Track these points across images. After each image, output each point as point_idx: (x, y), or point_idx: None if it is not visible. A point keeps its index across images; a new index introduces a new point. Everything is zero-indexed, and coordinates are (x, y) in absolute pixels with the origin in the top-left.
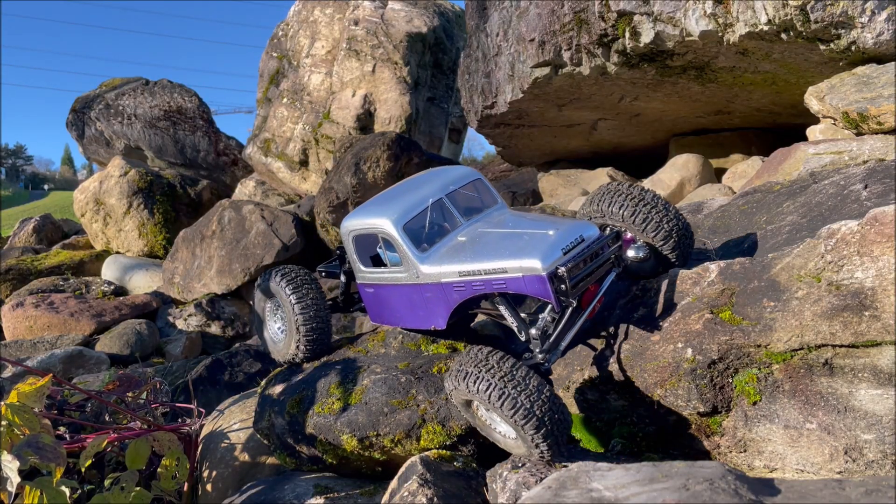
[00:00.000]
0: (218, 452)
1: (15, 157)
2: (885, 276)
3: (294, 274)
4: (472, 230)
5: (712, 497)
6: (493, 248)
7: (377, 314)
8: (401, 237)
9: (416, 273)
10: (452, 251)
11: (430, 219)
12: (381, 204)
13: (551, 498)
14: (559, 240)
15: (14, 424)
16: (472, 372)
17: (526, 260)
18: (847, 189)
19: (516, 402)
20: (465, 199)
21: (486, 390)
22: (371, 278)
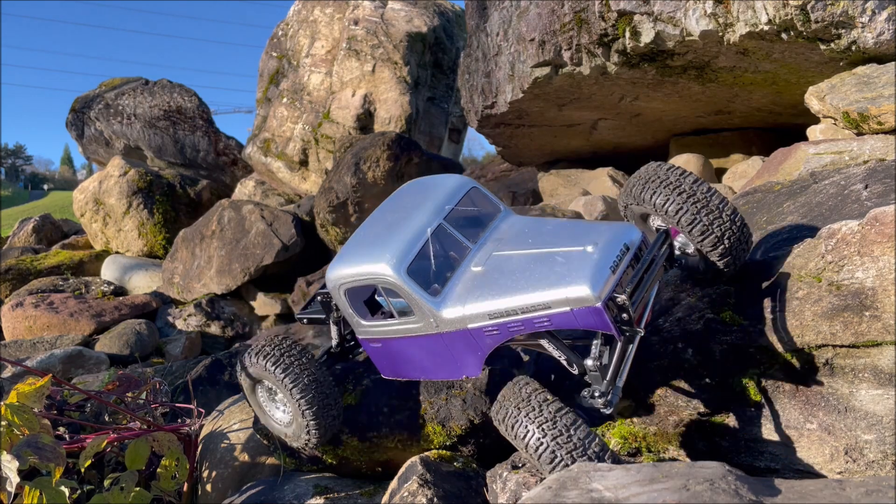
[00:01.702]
0: (218, 453)
1: (14, 156)
2: (886, 276)
3: (277, 351)
4: (486, 255)
5: (713, 497)
6: (524, 279)
7: (390, 369)
8: (407, 284)
9: (433, 322)
10: (472, 287)
11: (434, 252)
12: (371, 244)
13: (551, 498)
14: (604, 257)
15: (14, 424)
16: (512, 413)
17: (572, 289)
18: (847, 189)
19: (555, 458)
20: (464, 215)
21: (524, 438)
22: (377, 332)
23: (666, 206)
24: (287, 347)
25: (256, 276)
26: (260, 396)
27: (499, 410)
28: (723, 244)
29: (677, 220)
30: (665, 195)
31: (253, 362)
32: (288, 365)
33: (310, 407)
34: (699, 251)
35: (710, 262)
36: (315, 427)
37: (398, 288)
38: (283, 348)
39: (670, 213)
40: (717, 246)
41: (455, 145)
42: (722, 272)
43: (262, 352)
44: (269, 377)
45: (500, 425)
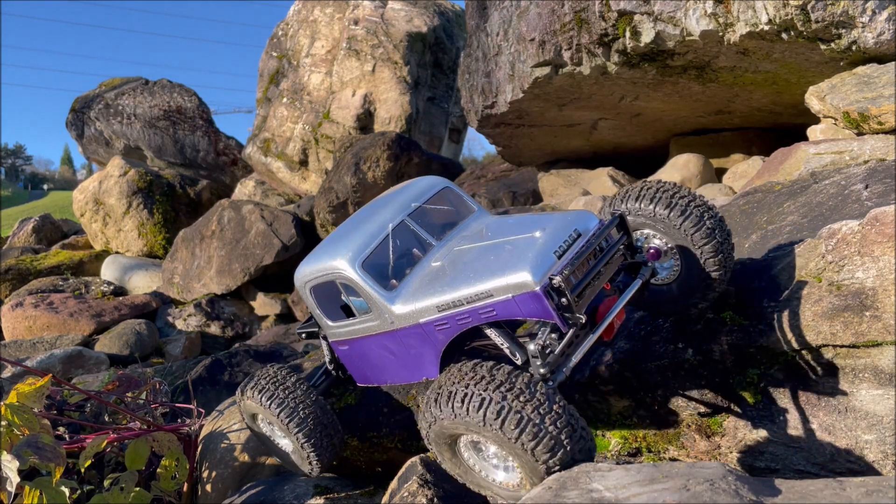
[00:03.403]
0: (217, 453)
1: (14, 156)
2: (886, 276)
3: (267, 383)
4: (448, 250)
5: (713, 497)
6: (472, 270)
7: (361, 375)
8: (361, 278)
9: (388, 318)
10: (427, 281)
11: (394, 248)
12: (333, 242)
13: (552, 498)
14: (549, 241)
15: (14, 424)
16: (459, 391)
17: (512, 275)
18: (848, 189)
19: (521, 419)
20: (434, 214)
21: (480, 409)
22: (341, 333)
23: (669, 212)
24: (281, 380)
25: (256, 276)
26: (261, 425)
27: (439, 397)
28: (722, 252)
29: (681, 223)
30: (666, 202)
31: (249, 396)
32: (283, 399)
33: (308, 440)
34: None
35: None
36: (316, 458)
37: (353, 283)
38: (277, 381)
39: (672, 218)
40: (717, 253)
41: (455, 145)
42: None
43: (256, 386)
44: (265, 413)
45: (444, 409)
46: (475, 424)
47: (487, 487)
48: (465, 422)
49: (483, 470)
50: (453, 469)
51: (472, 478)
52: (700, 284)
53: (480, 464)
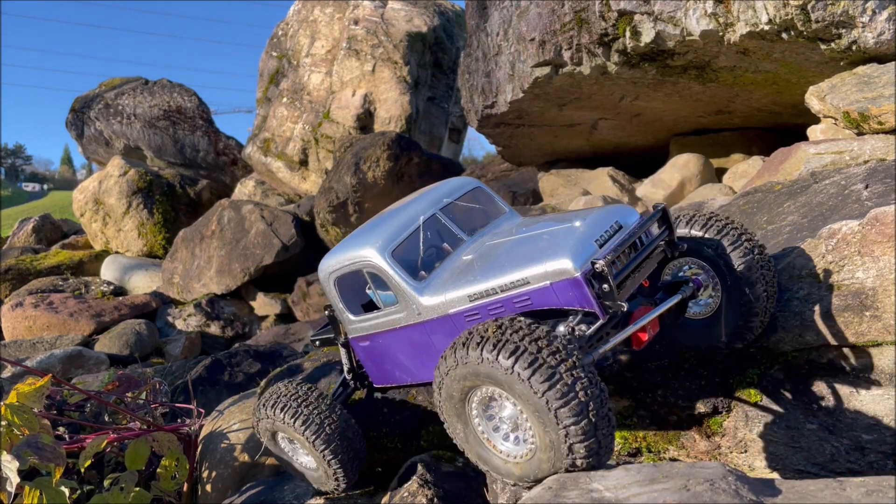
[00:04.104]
0: (217, 453)
1: (14, 156)
2: (886, 276)
3: (289, 400)
4: (479, 245)
5: (713, 497)
6: (507, 260)
7: (379, 373)
8: (391, 266)
9: (416, 309)
10: (458, 274)
11: (425, 240)
12: (362, 234)
13: (552, 498)
14: (589, 230)
15: (13, 424)
16: (492, 337)
17: (551, 262)
18: (848, 189)
19: (553, 374)
20: (464, 212)
21: (512, 356)
22: (364, 328)
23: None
24: (304, 395)
25: (256, 276)
26: (282, 444)
27: (468, 342)
28: (766, 293)
29: (729, 252)
30: (718, 228)
31: (269, 415)
32: (307, 416)
33: (335, 456)
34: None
35: (729, 322)
36: (343, 474)
37: (382, 272)
38: (300, 398)
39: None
40: (761, 294)
41: (455, 145)
42: (748, 328)
43: (277, 404)
44: (288, 431)
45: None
46: (502, 373)
47: (487, 459)
48: (491, 368)
49: (488, 436)
50: (455, 430)
51: (474, 444)
52: (738, 324)
53: (487, 429)
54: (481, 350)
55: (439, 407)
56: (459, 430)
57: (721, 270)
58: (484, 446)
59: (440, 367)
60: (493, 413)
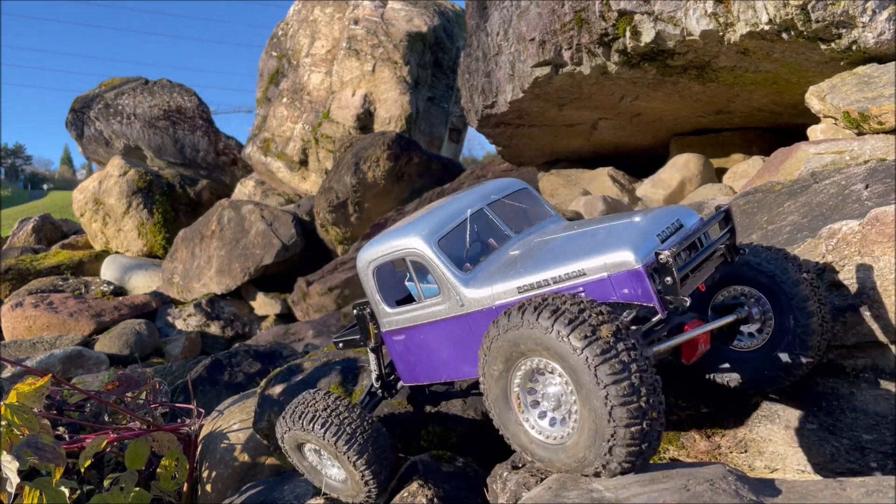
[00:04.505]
0: (217, 453)
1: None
2: (886, 276)
3: (325, 412)
4: (528, 243)
5: (713, 497)
6: (561, 252)
7: (411, 370)
8: (436, 255)
9: (458, 300)
10: (506, 267)
11: (471, 234)
12: (407, 224)
13: (552, 498)
14: (650, 225)
15: (13, 424)
16: (552, 303)
17: (611, 253)
18: (848, 189)
19: (608, 349)
20: (511, 211)
21: (570, 324)
22: (400, 321)
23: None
24: (333, 405)
25: (256, 276)
26: (308, 457)
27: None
28: (820, 316)
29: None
30: (773, 257)
31: (297, 426)
32: (339, 426)
33: (368, 466)
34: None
35: (782, 353)
36: (375, 484)
37: (426, 261)
38: (329, 408)
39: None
40: (815, 314)
41: (455, 145)
42: (797, 365)
43: (306, 414)
44: (319, 441)
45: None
46: (554, 341)
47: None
48: (548, 338)
49: (525, 410)
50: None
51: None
52: (789, 359)
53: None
54: (538, 316)
55: (482, 371)
56: (498, 404)
57: (777, 300)
58: (520, 425)
59: (490, 332)
60: (536, 389)
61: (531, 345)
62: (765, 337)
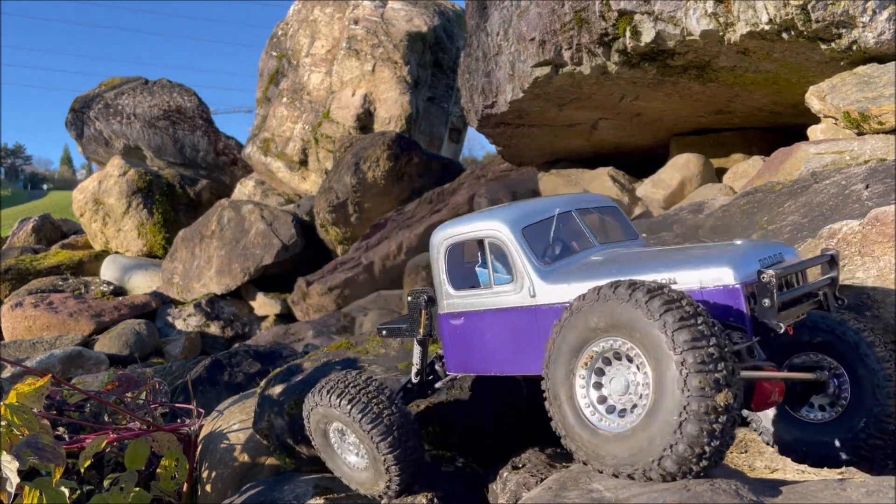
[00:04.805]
0: (217, 453)
1: (14, 156)
2: (887, 276)
3: (352, 388)
4: (611, 253)
5: (713, 497)
6: (650, 261)
7: (461, 357)
8: (518, 241)
9: (531, 290)
10: (587, 268)
11: (556, 231)
12: (492, 209)
13: (552, 498)
14: (752, 250)
15: (13, 425)
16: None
17: (708, 268)
18: (848, 189)
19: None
20: (599, 223)
21: (682, 321)
22: (463, 304)
23: None
24: (364, 384)
25: (256, 276)
26: (332, 439)
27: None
28: None
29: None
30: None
31: (324, 401)
32: (366, 404)
33: (391, 450)
34: None
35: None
36: (397, 473)
37: (507, 246)
38: (359, 385)
39: None
40: None
41: (455, 145)
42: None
43: (334, 390)
44: (344, 418)
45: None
46: (643, 318)
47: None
48: (638, 314)
49: (590, 401)
50: (558, 385)
51: (571, 413)
52: (862, 437)
53: (593, 393)
54: (631, 292)
55: (548, 356)
56: (560, 377)
57: (856, 375)
58: (579, 415)
59: (565, 313)
60: (604, 372)
61: (613, 323)
62: (837, 411)
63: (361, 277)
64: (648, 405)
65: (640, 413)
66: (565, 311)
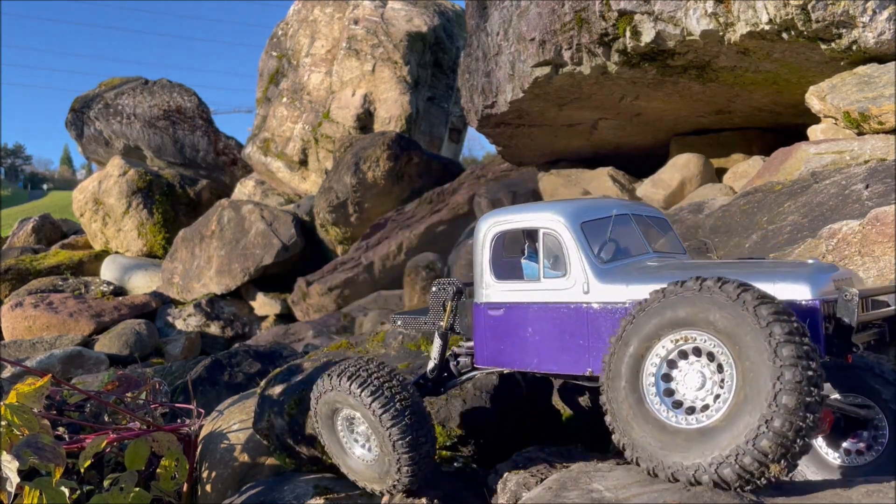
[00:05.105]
0: (217, 453)
1: (14, 156)
2: (887, 276)
3: (364, 372)
4: (668, 261)
5: (713, 497)
6: (717, 271)
7: (495, 351)
8: (576, 235)
9: (584, 287)
10: (646, 271)
11: (613, 232)
12: (546, 202)
13: (552, 498)
14: (827, 269)
15: (13, 424)
16: None
17: (783, 282)
18: (848, 189)
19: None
20: (651, 231)
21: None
22: (505, 295)
23: None
24: (375, 369)
25: (256, 276)
26: (338, 428)
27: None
28: None
29: None
30: None
31: (334, 385)
32: (377, 388)
33: (402, 437)
34: None
35: None
36: (408, 463)
37: (564, 238)
38: (370, 370)
39: None
40: None
41: (455, 145)
42: None
43: (345, 373)
44: (354, 402)
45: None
46: (737, 310)
47: (638, 432)
48: (730, 307)
49: (660, 400)
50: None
51: (639, 414)
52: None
53: (662, 394)
54: (721, 285)
55: (610, 356)
56: (626, 369)
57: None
58: (645, 404)
59: (634, 309)
60: (673, 372)
61: (706, 318)
62: (872, 456)
63: (361, 277)
64: (732, 397)
65: (722, 405)
66: (647, 299)
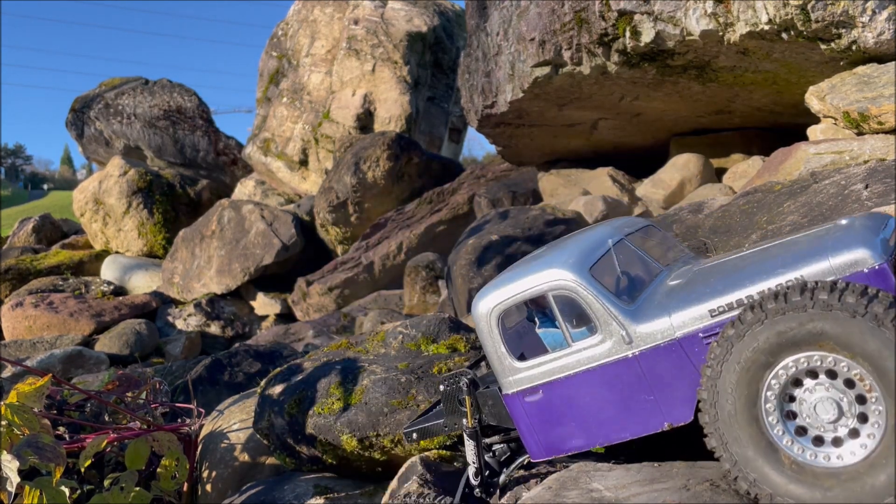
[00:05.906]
0: (217, 453)
1: (14, 156)
2: None
3: None
4: (686, 272)
5: (713, 497)
6: (757, 266)
7: (550, 438)
8: (591, 286)
9: (625, 336)
10: (678, 293)
11: (619, 264)
12: (537, 257)
13: (552, 498)
14: (869, 225)
15: (14, 424)
16: None
17: (838, 254)
18: (848, 189)
19: None
20: (649, 245)
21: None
22: (537, 375)
23: None
24: None
25: (256, 275)
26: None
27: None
28: None
29: None
30: None
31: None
32: None
33: None
34: None
35: None
36: None
37: (579, 293)
38: None
39: None
40: None
41: (455, 145)
42: None
43: None
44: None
45: None
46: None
47: (774, 480)
48: (855, 322)
49: (786, 433)
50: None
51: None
52: None
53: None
54: (840, 295)
55: (708, 389)
56: (737, 414)
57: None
58: (774, 447)
59: (727, 332)
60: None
61: (815, 334)
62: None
63: (361, 277)
64: (884, 424)
65: (873, 436)
66: (717, 345)
